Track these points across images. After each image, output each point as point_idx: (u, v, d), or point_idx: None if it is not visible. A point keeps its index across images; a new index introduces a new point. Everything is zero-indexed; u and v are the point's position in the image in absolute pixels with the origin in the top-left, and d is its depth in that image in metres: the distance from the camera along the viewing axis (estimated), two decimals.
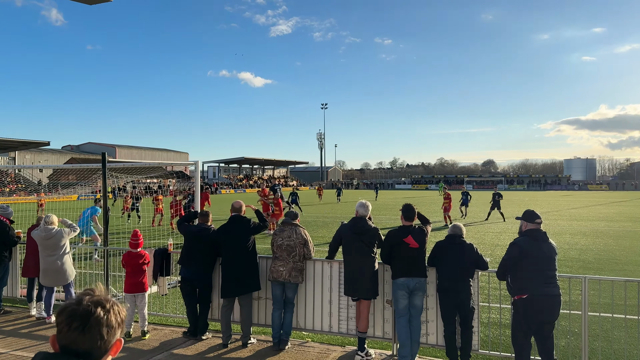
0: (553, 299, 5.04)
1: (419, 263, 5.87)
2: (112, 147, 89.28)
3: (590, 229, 21.11)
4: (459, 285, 5.63)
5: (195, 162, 10.02)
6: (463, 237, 5.90)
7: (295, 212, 6.79)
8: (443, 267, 5.81)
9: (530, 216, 5.39)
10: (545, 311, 5.03)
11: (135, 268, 7.04)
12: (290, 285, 6.44)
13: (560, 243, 16.28)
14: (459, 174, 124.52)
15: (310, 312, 6.69)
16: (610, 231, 20.13)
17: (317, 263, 6.70)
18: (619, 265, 12.10)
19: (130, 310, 6.96)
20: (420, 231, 5.97)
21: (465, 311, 5.66)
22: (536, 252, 5.12)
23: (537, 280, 5.05)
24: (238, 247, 6.51)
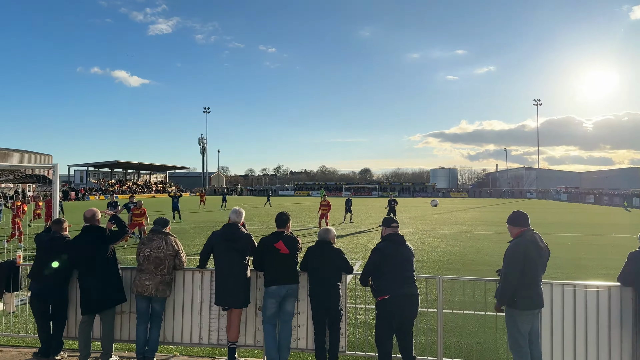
0: (412, 298, 5.43)
1: (290, 270, 5.93)
2: None
3: (450, 232, 23.19)
4: (328, 289, 5.79)
5: (54, 165, 9.06)
6: (332, 243, 6.09)
7: (166, 219, 6.46)
8: (313, 272, 5.94)
9: (387, 222, 5.80)
10: (405, 310, 5.39)
11: None
12: (157, 300, 6.11)
13: (424, 246, 17.65)
14: (339, 182, 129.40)
15: (179, 325, 6.41)
16: (467, 234, 22.29)
17: (187, 273, 6.45)
18: (474, 266, 13.43)
19: None
20: (292, 238, 6.05)
21: (334, 314, 5.83)
22: (395, 255, 5.50)
23: (397, 281, 5.39)
24: (95, 259, 5.95)
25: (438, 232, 23.27)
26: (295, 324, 6.17)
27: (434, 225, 27.55)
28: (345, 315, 6.11)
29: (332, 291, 5.80)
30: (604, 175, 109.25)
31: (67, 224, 6.49)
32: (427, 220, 31.59)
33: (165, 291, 6.10)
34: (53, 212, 9.06)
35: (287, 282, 5.85)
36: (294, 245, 5.98)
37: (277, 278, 5.84)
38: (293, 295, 5.92)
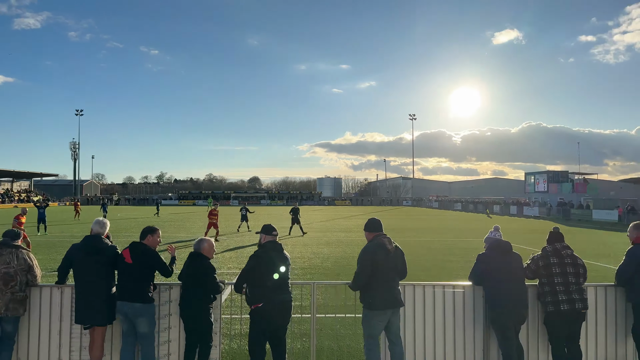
0: (285, 305, 5.53)
1: (130, 283, 5.56)
2: None
3: (333, 239, 24.01)
4: (194, 302, 5.64)
5: None
6: (202, 252, 5.89)
7: (17, 232, 5.86)
8: (183, 285, 5.78)
9: (268, 229, 5.83)
10: (278, 317, 5.47)
11: None
12: (9, 320, 5.53)
13: (307, 253, 18.06)
14: (227, 190, 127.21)
15: (35, 346, 5.85)
16: (348, 240, 23.26)
17: (44, 289, 5.91)
18: (352, 270, 14.01)
19: None
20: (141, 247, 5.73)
21: (201, 326, 5.66)
22: (272, 262, 5.54)
23: (270, 289, 5.46)
24: None
25: (322, 239, 23.95)
26: (165, 339, 5.95)
27: (318, 232, 28.31)
28: (220, 326, 6.03)
29: (197, 303, 5.62)
30: (470, 185, 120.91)
31: None
32: (312, 227, 32.37)
33: (17, 310, 5.56)
34: None
35: (126, 298, 5.53)
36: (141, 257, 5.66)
37: (120, 294, 5.59)
38: (140, 315, 5.55)
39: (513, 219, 48.61)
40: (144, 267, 5.62)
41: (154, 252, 5.77)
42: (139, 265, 5.58)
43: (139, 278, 5.59)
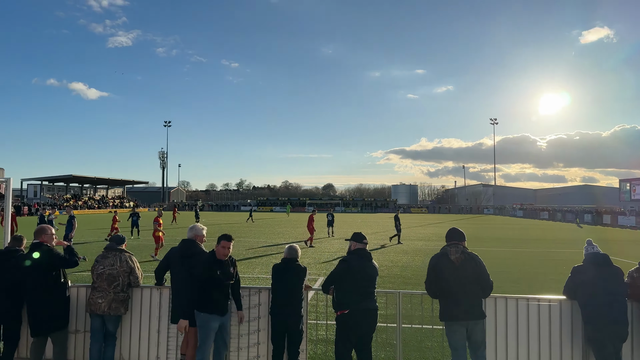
0: (371, 313, 5.49)
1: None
2: None
3: (411, 247, 23.55)
4: (288, 309, 5.76)
5: (7, 179, 8.75)
6: (297, 260, 6.08)
7: (122, 237, 6.33)
8: (274, 289, 5.94)
9: (358, 237, 5.84)
10: (363, 324, 5.44)
11: None
12: (111, 318, 5.95)
13: (385, 261, 17.85)
14: (302, 197, 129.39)
15: (136, 343, 6.26)
16: (427, 249, 22.70)
17: (145, 290, 6.32)
18: None
19: None
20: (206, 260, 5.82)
21: (293, 334, 5.79)
22: (360, 270, 5.55)
23: (357, 296, 5.46)
24: (41, 279, 5.74)
25: (399, 247, 23.58)
26: (255, 341, 6.13)
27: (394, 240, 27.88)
28: (305, 333, 6.10)
29: (292, 310, 5.76)
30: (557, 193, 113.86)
31: (25, 241, 6.25)
32: (388, 235, 31.94)
33: (119, 309, 5.96)
34: (5, 227, 8.71)
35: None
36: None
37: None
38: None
39: (606, 229, 45.05)
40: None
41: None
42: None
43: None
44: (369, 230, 37.66)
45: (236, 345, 6.12)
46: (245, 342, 6.15)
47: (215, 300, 5.55)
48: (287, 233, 33.10)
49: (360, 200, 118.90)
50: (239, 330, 6.13)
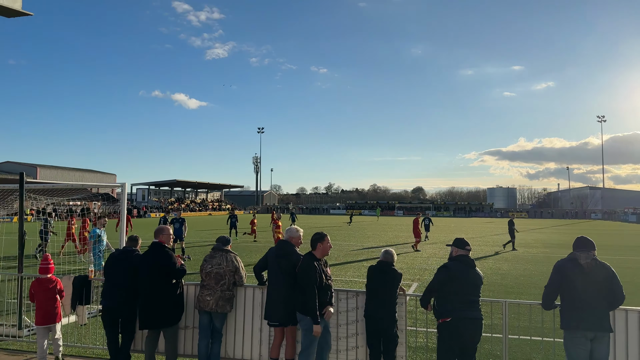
0: (475, 322, 5.21)
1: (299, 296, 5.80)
2: (32, 167, 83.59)
3: (511, 254, 22.28)
4: (382, 312, 5.69)
5: (122, 184, 9.60)
6: (393, 265, 6.00)
7: (228, 238, 6.63)
8: (368, 292, 5.88)
9: (460, 243, 5.60)
10: (468, 334, 5.18)
11: (48, 295, 6.55)
12: (218, 315, 6.24)
13: (483, 268, 17.06)
14: (391, 200, 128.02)
15: (240, 341, 6.51)
16: (529, 257, 21.36)
17: (247, 289, 6.56)
18: (537, 290, 12.82)
19: (41, 342, 6.45)
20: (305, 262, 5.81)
21: (388, 338, 5.71)
22: (463, 277, 5.31)
23: (461, 304, 5.22)
24: (158, 276, 6.15)
25: (498, 254, 22.43)
26: (353, 345, 6.10)
27: (492, 246, 26.60)
28: (405, 337, 5.98)
29: (386, 314, 5.69)
30: None
31: (140, 241, 6.78)
32: (485, 241, 30.55)
33: (225, 307, 6.22)
34: (120, 227, 9.53)
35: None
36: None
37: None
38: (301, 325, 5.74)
39: None
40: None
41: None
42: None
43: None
44: (463, 235, 36.24)
45: (334, 348, 6.13)
46: (344, 345, 6.15)
47: (321, 302, 5.61)
48: (377, 237, 32.88)
49: (453, 204, 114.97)
50: (337, 333, 6.14)
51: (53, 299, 6.58)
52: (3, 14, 2.39)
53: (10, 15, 2.40)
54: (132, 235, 6.82)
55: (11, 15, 2.40)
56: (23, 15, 2.46)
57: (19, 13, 2.44)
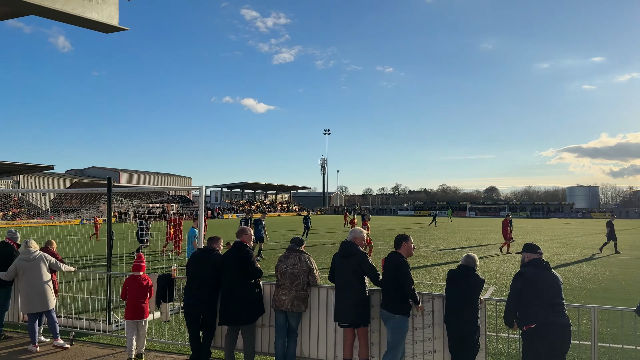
0: (563, 329, 4.93)
1: (386, 295, 5.90)
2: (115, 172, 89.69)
3: (595, 257, 20.88)
4: (463, 318, 5.56)
5: (200, 187, 10.05)
6: (475, 270, 5.82)
7: (301, 239, 6.75)
8: (449, 297, 5.75)
9: (531, 247, 5.44)
10: (555, 341, 4.91)
11: (139, 292, 6.98)
12: (293, 315, 6.35)
13: (565, 272, 16.11)
14: (462, 201, 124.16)
15: (315, 341, 6.59)
16: (616, 260, 19.90)
17: (321, 290, 6.62)
18: (627, 295, 11.93)
19: (130, 336, 6.89)
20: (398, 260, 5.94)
21: (469, 344, 5.56)
22: (541, 281, 5.09)
23: (545, 309, 4.97)
24: (238, 275, 6.37)
25: (580, 256, 21.09)
26: (430, 349, 5.98)
27: (574, 249, 25.05)
28: (485, 343, 5.78)
29: (466, 319, 5.55)
30: None
31: (222, 241, 7.06)
32: (566, 243, 28.85)
33: (300, 306, 6.32)
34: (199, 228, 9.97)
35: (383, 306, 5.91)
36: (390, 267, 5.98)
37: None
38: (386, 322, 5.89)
39: None
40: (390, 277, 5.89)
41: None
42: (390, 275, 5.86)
43: (390, 287, 5.85)
44: (542, 237, 34.45)
45: (410, 352, 6.05)
46: (420, 349, 6.04)
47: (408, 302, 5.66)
48: (448, 238, 32.03)
49: (530, 204, 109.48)
50: (412, 337, 6.05)
51: (143, 296, 7.00)
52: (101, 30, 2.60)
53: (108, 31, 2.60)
54: (213, 236, 7.11)
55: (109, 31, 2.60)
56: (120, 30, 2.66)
57: (116, 29, 2.63)
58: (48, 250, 8.34)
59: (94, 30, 2.62)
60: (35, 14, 2.46)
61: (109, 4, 2.55)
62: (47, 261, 7.60)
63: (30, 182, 72.49)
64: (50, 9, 2.34)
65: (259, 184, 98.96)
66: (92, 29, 2.60)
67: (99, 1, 2.48)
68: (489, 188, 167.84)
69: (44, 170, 64.38)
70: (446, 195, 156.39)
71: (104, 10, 2.52)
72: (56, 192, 66.87)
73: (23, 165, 58.24)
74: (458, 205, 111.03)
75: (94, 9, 2.47)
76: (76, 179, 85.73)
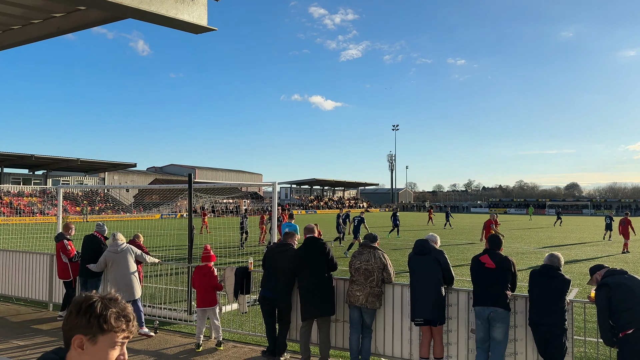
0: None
1: (496, 290, 5.59)
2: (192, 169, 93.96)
3: None
4: (548, 320, 5.30)
5: (273, 183, 10.25)
6: (560, 269, 5.53)
7: (375, 235, 6.69)
8: (533, 298, 5.49)
9: (594, 269, 5.29)
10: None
11: (204, 281, 7.34)
12: (368, 311, 6.33)
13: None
14: (540, 198, 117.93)
15: (390, 338, 6.52)
16: None
17: (396, 287, 6.54)
18: None
19: (199, 324, 7.25)
20: (502, 256, 5.80)
21: (555, 348, 5.28)
22: (625, 285, 4.80)
23: (638, 312, 4.62)
24: (313, 269, 6.48)
25: None
26: (512, 350, 5.73)
27: None
28: (572, 348, 5.45)
29: (553, 321, 5.28)
30: None
31: (297, 236, 7.21)
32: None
33: (374, 303, 6.28)
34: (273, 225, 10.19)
35: (491, 303, 5.53)
36: (501, 262, 5.69)
37: (482, 298, 5.63)
38: (499, 321, 5.51)
39: None
40: (504, 272, 5.67)
41: (509, 259, 5.82)
42: (500, 270, 5.66)
43: (502, 284, 5.66)
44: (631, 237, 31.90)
45: None
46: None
47: None
48: (528, 237, 30.55)
49: (616, 202, 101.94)
50: None
51: (210, 285, 7.33)
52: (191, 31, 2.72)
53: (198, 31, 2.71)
54: (289, 231, 7.26)
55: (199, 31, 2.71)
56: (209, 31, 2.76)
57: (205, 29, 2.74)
58: (135, 243, 8.87)
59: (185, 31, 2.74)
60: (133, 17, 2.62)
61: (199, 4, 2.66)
62: (133, 253, 8.08)
63: (115, 179, 77.74)
64: (147, 11, 2.48)
65: (327, 181, 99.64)
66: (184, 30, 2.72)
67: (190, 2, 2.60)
68: (570, 184, 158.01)
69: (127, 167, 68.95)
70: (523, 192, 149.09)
71: (195, 11, 2.63)
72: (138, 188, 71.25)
73: (108, 163, 63.14)
74: (537, 202, 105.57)
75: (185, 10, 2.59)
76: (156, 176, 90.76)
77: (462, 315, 6.11)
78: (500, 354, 5.54)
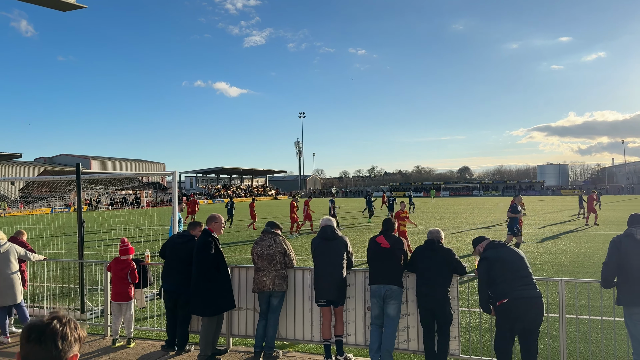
0: (534, 301, 5.02)
1: (391, 268, 5.92)
2: (86, 159, 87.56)
3: (564, 232, 21.53)
4: (435, 290, 5.67)
5: (173, 172, 9.87)
6: (441, 242, 5.97)
7: (276, 222, 6.71)
8: (420, 272, 5.86)
9: (477, 241, 5.80)
10: (528, 314, 5.01)
11: (119, 275, 6.98)
12: (276, 294, 6.37)
13: (536, 247, 16.57)
14: (436, 181, 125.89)
15: (292, 322, 6.63)
16: (583, 235, 20.57)
17: (297, 271, 6.65)
18: (594, 268, 12.34)
19: (115, 319, 6.88)
20: (396, 237, 6.13)
21: (442, 317, 5.68)
22: (503, 258, 5.27)
23: (513, 283, 5.09)
24: (202, 262, 6.19)
25: (550, 232, 21.72)
26: (404, 324, 6.09)
27: (545, 225, 25.77)
28: (457, 318, 5.91)
29: (439, 292, 5.67)
30: None
31: (201, 227, 6.90)
32: (537, 220, 29.63)
33: (282, 285, 6.34)
34: (173, 215, 9.84)
35: (387, 282, 5.84)
36: (395, 242, 6.02)
37: (378, 276, 5.92)
38: (394, 298, 5.83)
39: None
40: (398, 251, 5.99)
41: (401, 239, 6.16)
42: (395, 249, 5.98)
43: (397, 264, 5.97)
44: None
45: None
46: None
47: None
48: (427, 219, 32.49)
49: (502, 183, 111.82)
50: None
51: (125, 279, 6.96)
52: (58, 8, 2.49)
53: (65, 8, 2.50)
54: (194, 221, 7.03)
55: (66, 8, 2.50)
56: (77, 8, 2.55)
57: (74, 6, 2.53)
58: (17, 240, 8.12)
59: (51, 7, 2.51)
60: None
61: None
62: (16, 252, 7.37)
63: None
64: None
65: (235, 169, 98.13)
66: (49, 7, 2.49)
67: None
68: (462, 168, 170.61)
69: (11, 158, 62.35)
70: (421, 175, 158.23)
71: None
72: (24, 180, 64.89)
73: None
74: (432, 185, 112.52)
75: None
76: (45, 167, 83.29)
77: (359, 295, 6.38)
78: (394, 328, 5.85)
